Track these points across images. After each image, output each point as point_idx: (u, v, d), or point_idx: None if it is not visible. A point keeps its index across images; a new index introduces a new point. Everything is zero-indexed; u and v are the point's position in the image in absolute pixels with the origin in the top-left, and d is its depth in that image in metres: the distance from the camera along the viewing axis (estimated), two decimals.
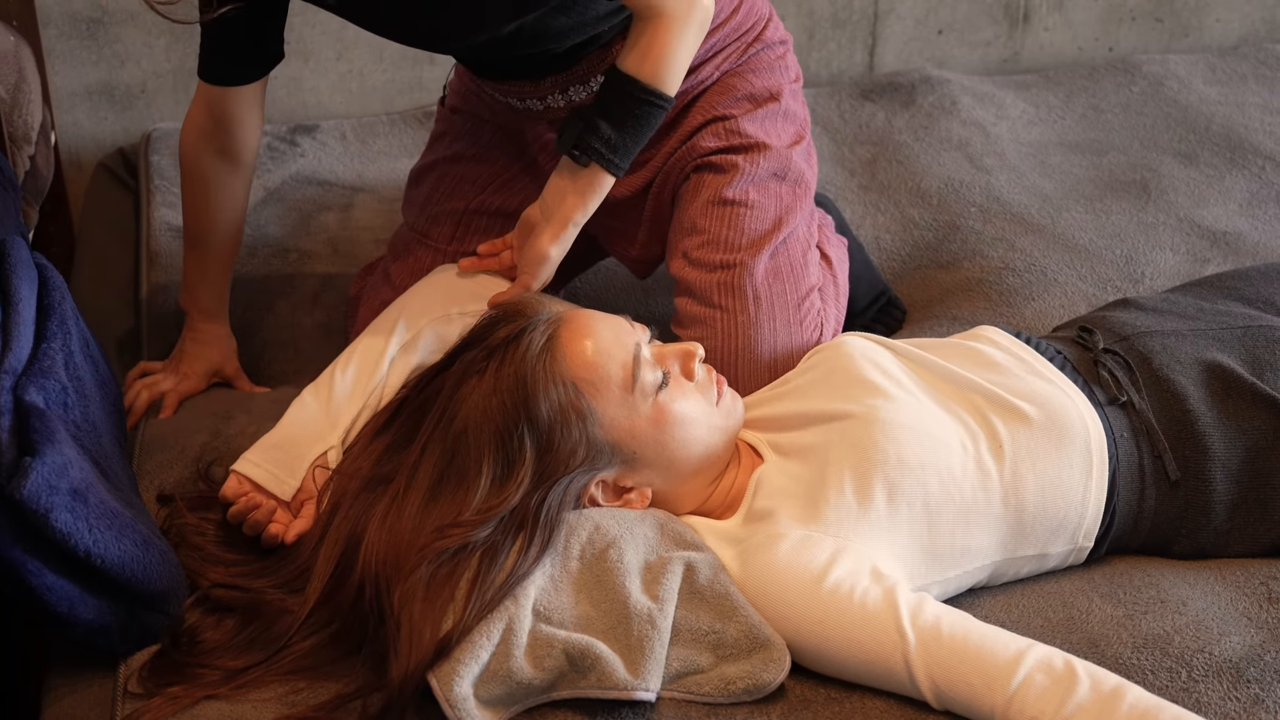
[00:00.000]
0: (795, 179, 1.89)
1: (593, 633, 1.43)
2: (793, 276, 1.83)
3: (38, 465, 1.36)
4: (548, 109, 1.86)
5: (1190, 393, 1.64)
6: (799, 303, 1.83)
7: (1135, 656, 1.49)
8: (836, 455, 1.54)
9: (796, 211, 1.87)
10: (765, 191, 1.85)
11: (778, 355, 1.81)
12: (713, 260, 1.81)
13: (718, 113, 1.88)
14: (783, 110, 1.92)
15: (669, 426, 1.54)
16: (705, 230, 1.83)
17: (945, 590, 1.55)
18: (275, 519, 1.60)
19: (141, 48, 2.61)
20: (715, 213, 1.83)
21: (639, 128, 1.71)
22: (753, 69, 1.91)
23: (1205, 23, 3.06)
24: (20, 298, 1.57)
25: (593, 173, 1.72)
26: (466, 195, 1.97)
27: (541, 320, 1.53)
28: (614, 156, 1.71)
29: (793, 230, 1.85)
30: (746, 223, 1.83)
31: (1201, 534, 1.63)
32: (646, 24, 1.68)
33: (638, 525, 1.52)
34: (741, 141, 1.87)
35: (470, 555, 1.44)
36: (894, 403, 1.58)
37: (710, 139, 1.87)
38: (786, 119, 1.93)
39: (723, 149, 1.86)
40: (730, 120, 1.88)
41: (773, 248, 1.83)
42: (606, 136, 1.70)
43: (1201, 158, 2.51)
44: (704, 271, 1.82)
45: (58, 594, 1.38)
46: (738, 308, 1.80)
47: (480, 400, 1.49)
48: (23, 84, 2.18)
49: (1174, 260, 2.22)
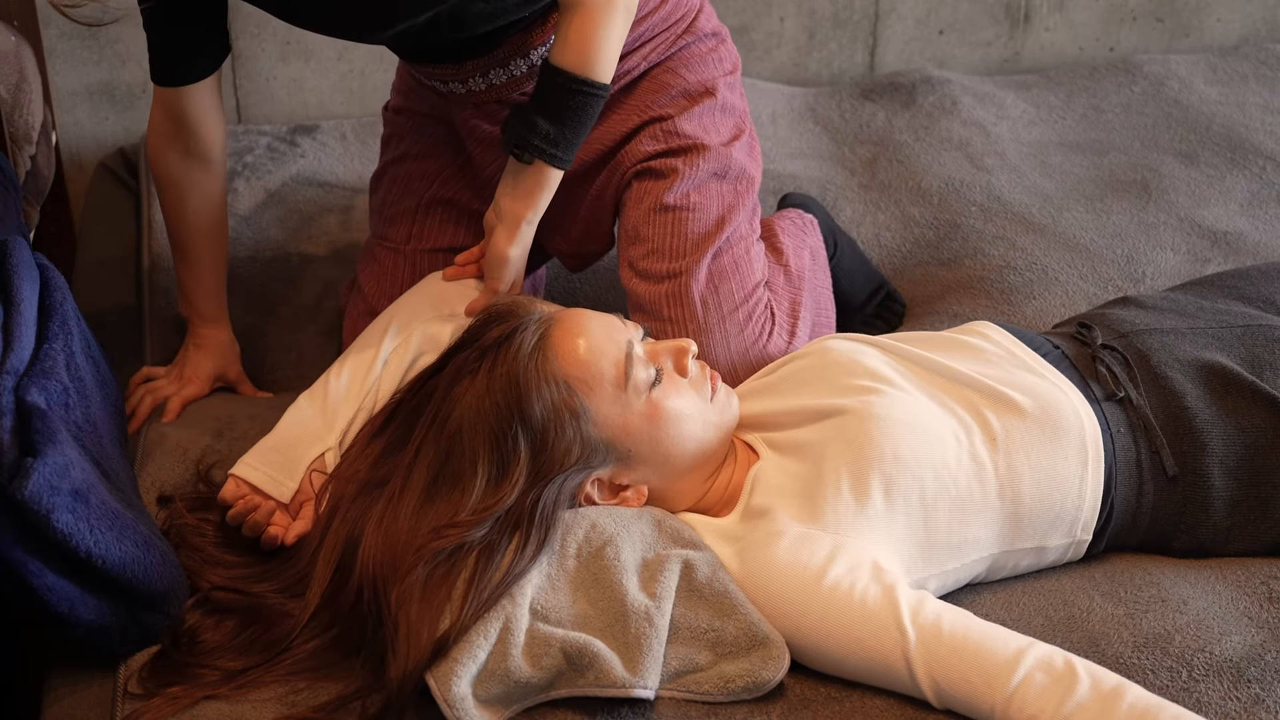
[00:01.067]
0: (736, 175, 1.89)
1: (590, 631, 1.43)
2: (737, 275, 1.84)
3: (39, 466, 1.36)
4: (470, 92, 1.87)
5: (1188, 390, 1.64)
6: (744, 300, 1.83)
7: (1136, 655, 1.49)
8: (833, 452, 1.54)
9: (739, 209, 1.88)
10: (706, 193, 1.86)
11: (733, 356, 1.82)
12: (658, 270, 1.83)
13: (654, 113, 1.89)
14: (719, 105, 1.92)
15: (663, 423, 1.54)
16: (649, 239, 1.84)
17: (944, 584, 1.55)
18: (274, 521, 1.60)
19: (142, 48, 2.60)
20: (657, 220, 1.84)
21: (577, 119, 1.72)
22: (684, 63, 1.91)
23: (1206, 23, 3.06)
24: (22, 298, 1.57)
25: (538, 169, 1.74)
26: (416, 192, 1.98)
27: (533, 320, 1.54)
28: (556, 150, 1.72)
29: (735, 228, 1.86)
30: (689, 227, 1.83)
31: (1201, 530, 1.63)
32: (572, 14, 1.69)
33: (634, 523, 1.52)
34: (680, 144, 1.87)
35: (467, 555, 1.44)
36: (888, 398, 1.58)
37: (649, 142, 1.88)
38: (724, 113, 1.93)
39: (661, 153, 1.87)
40: (667, 121, 1.88)
41: (715, 249, 1.83)
42: (545, 131, 1.71)
43: (1202, 158, 2.51)
44: (650, 283, 1.83)
45: (58, 594, 1.39)
46: (685, 317, 1.81)
47: (473, 401, 1.49)
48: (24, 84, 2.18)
49: (1175, 260, 2.22)
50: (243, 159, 2.46)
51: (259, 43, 2.65)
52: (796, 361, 1.71)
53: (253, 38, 2.64)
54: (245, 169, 2.44)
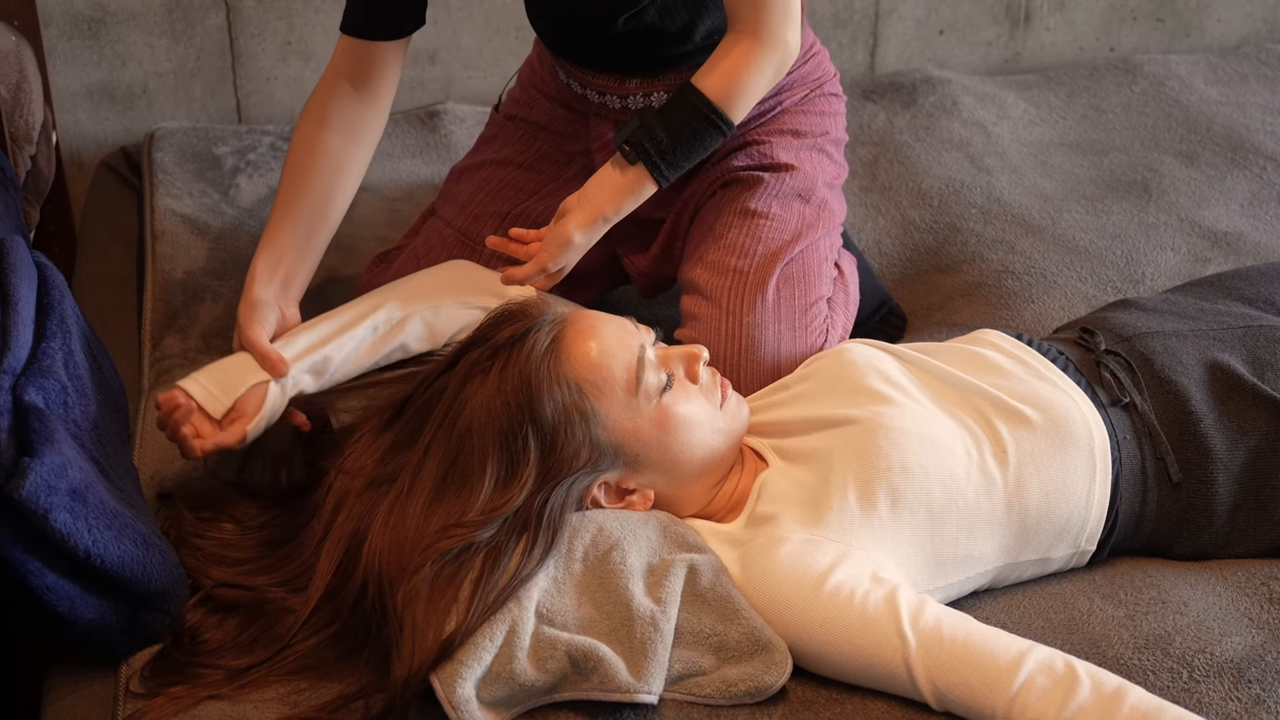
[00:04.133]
0: (819, 203, 1.91)
1: (595, 635, 1.43)
2: (804, 283, 1.84)
3: (36, 465, 1.35)
4: (623, 109, 1.89)
5: (1193, 394, 1.64)
6: (806, 308, 1.84)
7: (1136, 657, 1.48)
8: (841, 461, 1.54)
9: (818, 229, 1.89)
10: (787, 207, 1.88)
11: (780, 358, 1.81)
12: (727, 265, 1.83)
13: (755, 138, 1.92)
14: (819, 148, 1.96)
15: (672, 429, 1.53)
16: (723, 236, 1.86)
17: (948, 595, 1.55)
18: (191, 423, 1.63)
19: (143, 48, 2.61)
20: (736, 222, 1.86)
21: (694, 143, 1.74)
22: (806, 110, 1.96)
23: (1206, 23, 3.06)
24: (20, 297, 1.57)
25: (637, 173, 1.74)
26: (511, 200, 1.98)
27: (546, 321, 1.53)
28: (662, 163, 1.74)
29: (811, 243, 1.88)
30: (765, 233, 1.85)
31: (1203, 535, 1.62)
32: (733, 44, 1.72)
33: (640, 527, 1.52)
34: (771, 162, 1.91)
35: (474, 556, 1.44)
36: (898, 408, 1.57)
37: (741, 158, 1.91)
38: (823, 155, 1.96)
39: (750, 167, 1.90)
40: (765, 145, 1.92)
41: (788, 258, 1.84)
42: (660, 141, 1.73)
43: (1202, 158, 2.50)
44: (717, 275, 1.83)
45: (58, 594, 1.38)
46: (744, 309, 1.81)
47: (484, 400, 1.49)
48: (24, 84, 2.18)
49: (1175, 260, 2.21)
50: (245, 156, 2.46)
51: (259, 43, 2.65)
52: (814, 365, 1.70)
53: (252, 38, 2.64)
54: (248, 165, 2.44)
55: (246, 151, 2.47)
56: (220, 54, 2.65)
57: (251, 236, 2.24)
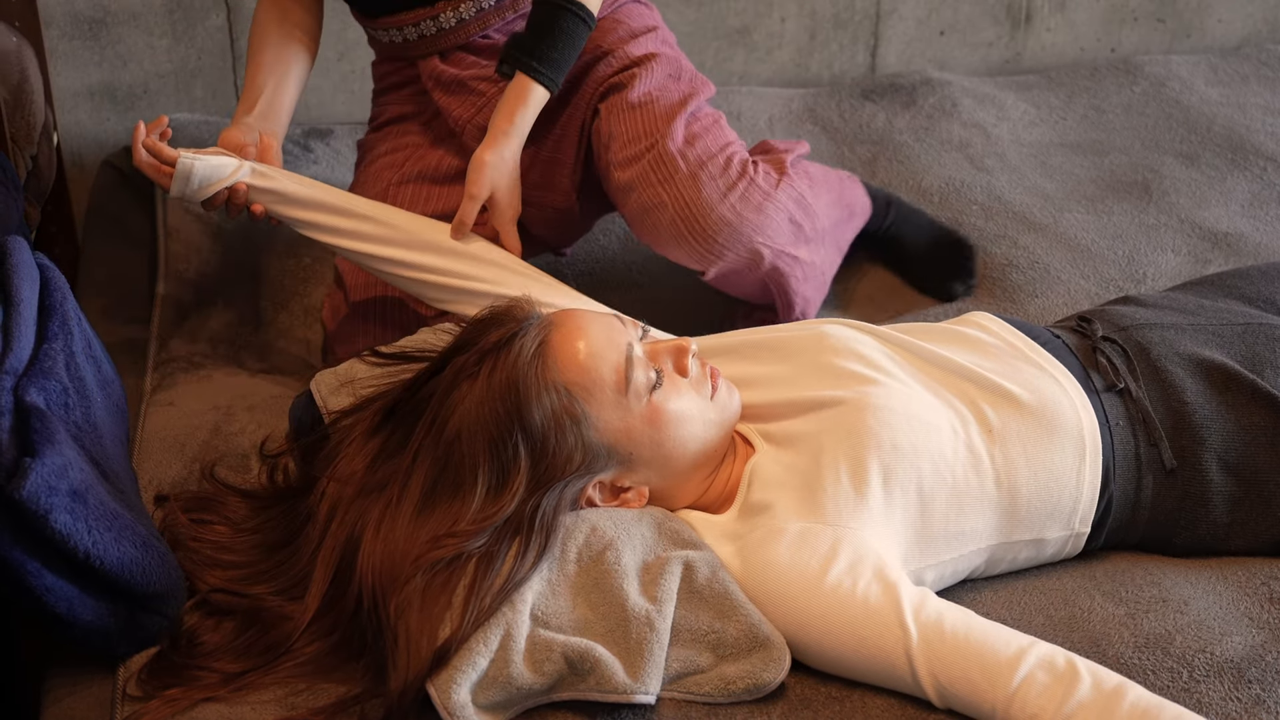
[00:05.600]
0: (690, 76, 2.02)
1: (591, 636, 1.42)
2: (708, 135, 1.94)
3: (37, 466, 1.35)
4: (439, 32, 2.00)
5: (1188, 385, 1.64)
6: (720, 150, 1.93)
7: (1136, 656, 1.48)
8: (830, 442, 1.54)
9: (698, 96, 1.98)
10: (665, 88, 1.97)
11: (730, 200, 1.90)
12: (636, 151, 1.92)
13: (605, 48, 1.99)
14: (661, 39, 2.06)
15: (664, 426, 1.53)
16: (621, 134, 1.94)
17: (941, 574, 1.55)
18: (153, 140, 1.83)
19: (144, 48, 2.61)
20: (626, 117, 1.94)
21: (564, 40, 1.84)
22: (626, 15, 2.05)
23: (1207, 23, 3.06)
24: (21, 298, 1.57)
25: (519, 81, 1.84)
26: (384, 180, 2.04)
27: (533, 324, 1.52)
28: (536, 63, 1.84)
29: (698, 106, 1.97)
30: (655, 110, 1.94)
31: (1200, 527, 1.63)
32: None
33: (635, 525, 1.52)
34: (634, 59, 1.99)
35: (466, 563, 1.43)
36: (884, 388, 1.58)
37: (604, 68, 1.98)
38: (667, 46, 2.05)
39: (618, 70, 1.98)
40: (618, 50, 2.00)
41: (684, 119, 1.94)
42: (529, 47, 1.84)
43: (1203, 159, 2.50)
44: (631, 165, 1.92)
45: (57, 595, 1.38)
46: (673, 174, 1.89)
47: (473, 407, 1.48)
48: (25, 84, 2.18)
49: (1175, 261, 2.22)
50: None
51: None
52: (790, 333, 1.70)
53: None
54: None
55: None
56: (221, 54, 2.65)
57: (264, 242, 2.24)
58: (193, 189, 1.81)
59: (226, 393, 1.92)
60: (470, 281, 1.83)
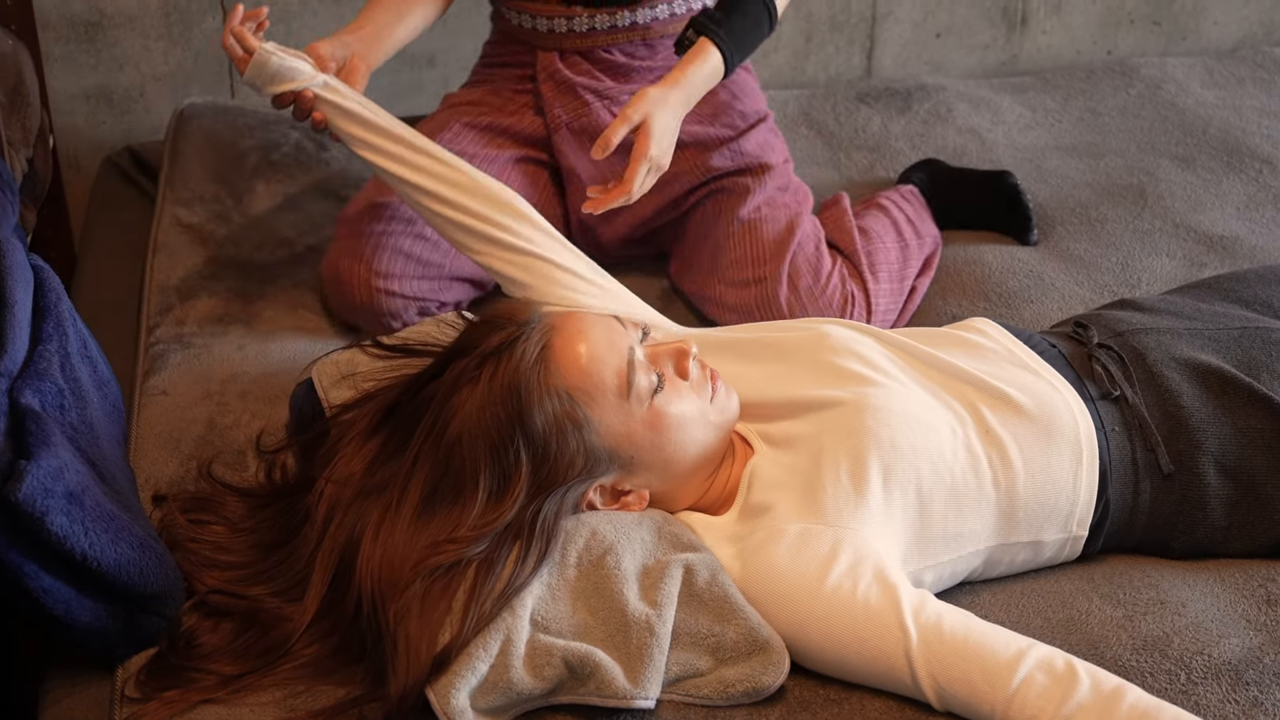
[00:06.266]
0: (795, 188, 2.14)
1: (591, 641, 1.42)
2: (810, 271, 2.04)
3: (33, 468, 1.35)
4: (569, 33, 2.09)
5: (1184, 389, 1.64)
6: (822, 291, 2.03)
7: (1135, 658, 1.49)
8: (830, 443, 1.54)
9: (803, 215, 2.09)
10: (775, 205, 2.09)
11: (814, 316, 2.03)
12: (744, 276, 2.05)
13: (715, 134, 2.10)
14: (770, 128, 2.17)
15: (666, 430, 1.53)
16: (729, 251, 2.06)
17: (940, 575, 1.55)
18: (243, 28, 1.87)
19: (139, 51, 2.61)
20: (737, 233, 2.06)
21: (747, 20, 1.91)
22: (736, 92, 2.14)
23: (1203, 26, 3.06)
24: (16, 300, 1.57)
25: (704, 48, 1.89)
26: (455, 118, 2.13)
27: (534, 328, 1.51)
28: (723, 32, 1.89)
29: (803, 230, 2.07)
30: (764, 235, 2.05)
31: (1199, 530, 1.63)
32: None
33: (634, 529, 1.52)
34: (747, 163, 2.10)
35: (466, 568, 1.42)
36: (882, 389, 1.58)
37: (719, 158, 2.10)
38: (772, 134, 2.17)
39: (731, 171, 2.10)
40: (733, 141, 2.11)
41: (790, 253, 2.04)
42: (716, 17, 1.90)
43: (1199, 161, 2.51)
44: (739, 289, 2.05)
45: (55, 596, 1.38)
46: (774, 314, 2.02)
47: (474, 412, 1.47)
48: (21, 87, 2.18)
49: (1170, 265, 2.22)
50: (269, 155, 2.40)
51: None
52: (790, 332, 1.71)
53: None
54: (269, 167, 2.37)
55: (270, 149, 2.41)
56: (217, 57, 2.65)
57: (254, 245, 2.23)
58: (263, 80, 1.87)
59: (218, 374, 1.91)
60: (507, 235, 1.78)
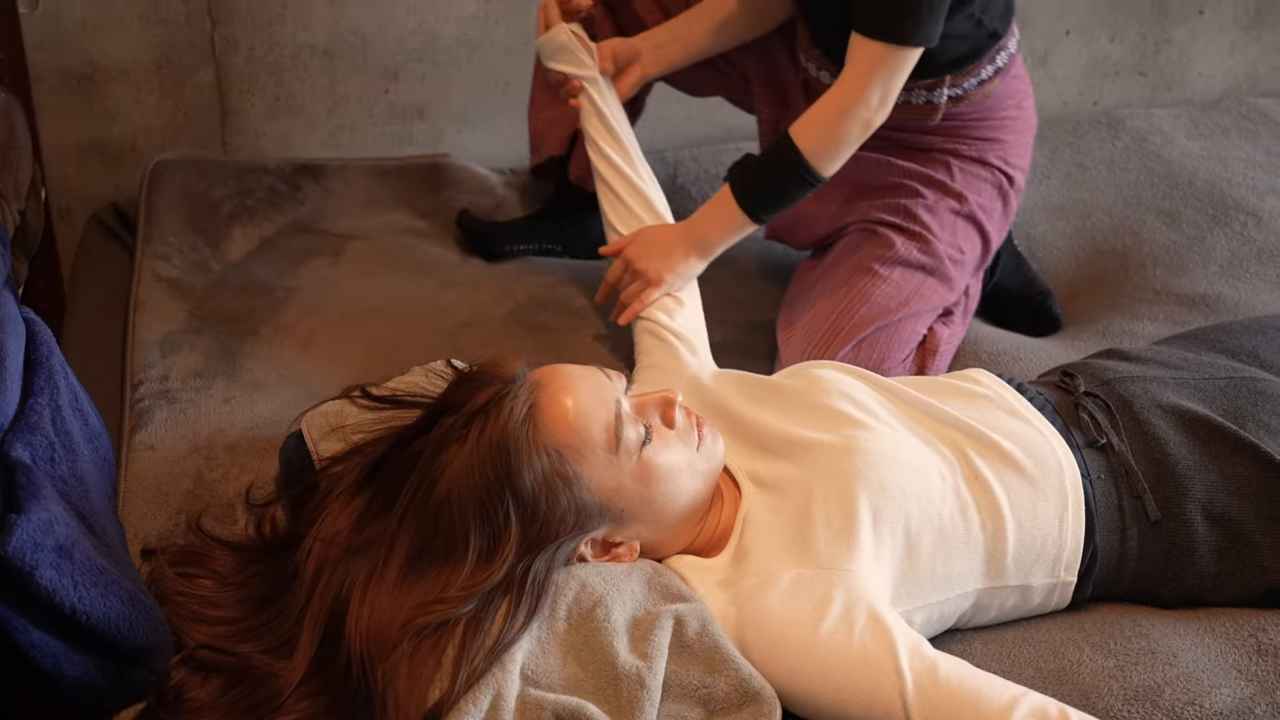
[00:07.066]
0: (939, 279, 2.02)
1: (582, 694, 1.41)
2: (886, 350, 1.97)
3: (23, 522, 1.35)
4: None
5: (1170, 437, 1.65)
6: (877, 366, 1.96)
7: (1126, 709, 1.48)
8: (820, 485, 1.54)
9: (923, 306, 2.00)
10: (906, 277, 2.00)
11: None
12: (829, 317, 1.98)
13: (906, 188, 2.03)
14: (969, 214, 2.05)
15: (655, 481, 1.53)
16: (836, 292, 1.99)
17: (929, 617, 1.55)
18: None
19: (132, 104, 2.63)
20: (854, 278, 1.99)
21: (781, 190, 1.90)
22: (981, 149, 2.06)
23: (1188, 77, 3.09)
24: (8, 353, 1.57)
25: (733, 206, 1.92)
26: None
27: (520, 385, 1.51)
28: (753, 205, 1.91)
29: (910, 316, 1.99)
30: (875, 294, 1.98)
31: (1188, 577, 1.63)
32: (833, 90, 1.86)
33: (624, 581, 1.51)
34: (909, 227, 2.02)
35: (455, 626, 1.42)
36: (872, 433, 1.58)
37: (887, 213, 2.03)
38: (970, 225, 2.05)
39: (888, 224, 2.03)
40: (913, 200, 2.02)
41: (882, 324, 1.97)
42: (749, 182, 1.91)
43: (1184, 216, 2.52)
44: (817, 322, 1.98)
45: (43, 650, 1.37)
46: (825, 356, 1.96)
47: (461, 471, 1.46)
48: (13, 140, 2.18)
49: (1153, 329, 2.22)
50: (243, 201, 2.43)
51: (248, 99, 2.66)
52: (784, 379, 1.72)
53: (242, 94, 2.66)
54: (244, 212, 2.41)
55: (244, 195, 2.45)
56: (209, 110, 2.66)
57: (234, 292, 2.24)
58: (547, 54, 2.06)
59: (205, 428, 1.91)
60: None
